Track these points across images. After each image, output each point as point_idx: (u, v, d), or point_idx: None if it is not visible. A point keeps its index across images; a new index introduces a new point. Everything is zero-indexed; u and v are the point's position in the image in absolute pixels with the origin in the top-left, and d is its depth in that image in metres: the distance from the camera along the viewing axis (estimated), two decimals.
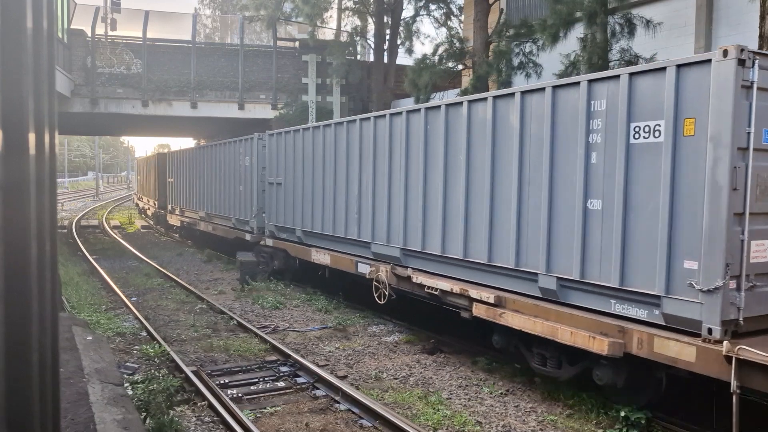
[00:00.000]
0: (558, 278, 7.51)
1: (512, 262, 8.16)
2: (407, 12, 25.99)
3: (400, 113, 10.56)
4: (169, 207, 27.68)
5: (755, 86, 5.78)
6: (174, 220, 26.76)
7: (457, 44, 17.88)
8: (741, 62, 5.71)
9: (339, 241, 12.65)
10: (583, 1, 12.33)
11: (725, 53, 5.77)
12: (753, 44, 10.00)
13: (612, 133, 6.85)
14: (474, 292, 8.59)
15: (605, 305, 6.95)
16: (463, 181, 9.04)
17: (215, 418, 7.13)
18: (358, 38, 24.93)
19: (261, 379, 8.51)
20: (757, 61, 5.78)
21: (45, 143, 1.47)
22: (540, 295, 7.82)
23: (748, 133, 5.83)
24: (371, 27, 24.06)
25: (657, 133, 6.42)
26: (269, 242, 15.94)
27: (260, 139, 16.57)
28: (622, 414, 6.80)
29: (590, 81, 7.12)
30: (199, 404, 7.58)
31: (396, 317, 11.90)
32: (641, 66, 6.99)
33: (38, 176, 1.43)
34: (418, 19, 22.68)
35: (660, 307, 6.36)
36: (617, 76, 6.79)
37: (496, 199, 8.49)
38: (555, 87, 7.60)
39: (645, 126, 6.54)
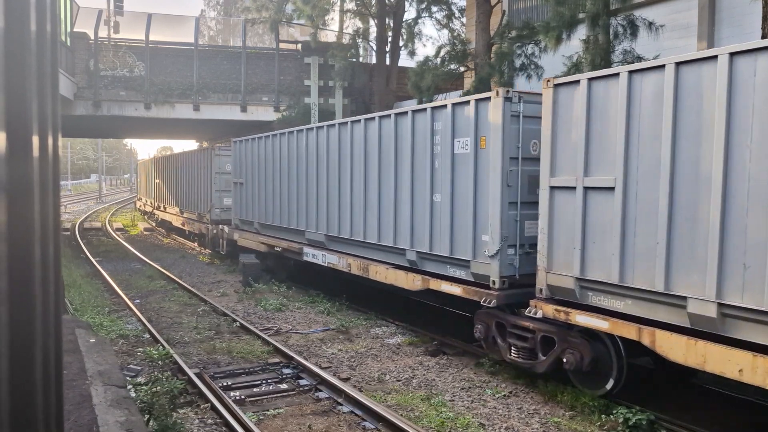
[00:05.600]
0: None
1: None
2: (409, 14, 26.03)
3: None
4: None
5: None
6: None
7: (459, 46, 17.86)
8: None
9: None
10: (585, 3, 12.31)
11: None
12: None
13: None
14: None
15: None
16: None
17: (218, 420, 7.13)
18: (360, 40, 24.90)
19: (264, 382, 8.51)
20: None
21: (48, 146, 1.48)
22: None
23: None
24: (373, 29, 24.05)
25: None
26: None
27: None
28: (621, 419, 6.80)
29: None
30: (202, 406, 7.58)
31: (398, 318, 11.90)
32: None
33: (42, 178, 1.43)
34: (420, 20, 22.66)
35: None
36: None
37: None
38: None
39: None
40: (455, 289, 9.11)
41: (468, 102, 8.86)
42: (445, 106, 9.33)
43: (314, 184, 13.49)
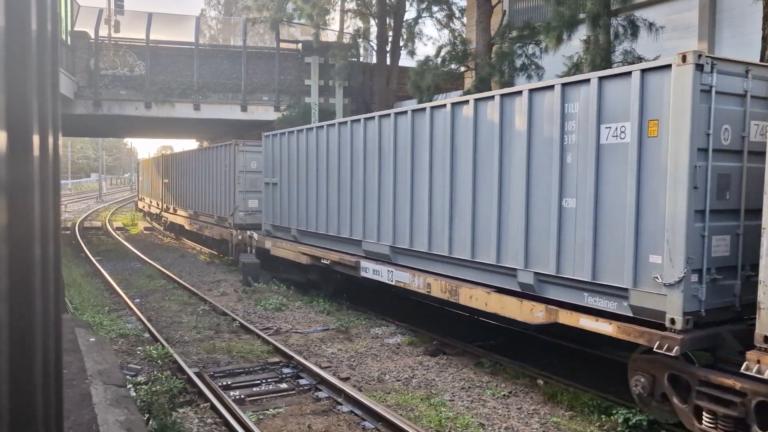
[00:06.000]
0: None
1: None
2: (409, 14, 26.05)
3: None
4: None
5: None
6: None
7: (460, 46, 17.88)
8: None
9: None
10: (586, 3, 12.32)
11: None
12: (756, 45, 9.99)
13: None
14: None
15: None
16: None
17: (218, 420, 7.13)
18: (360, 40, 24.94)
19: (263, 381, 8.52)
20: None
21: (49, 145, 1.47)
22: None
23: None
24: (374, 29, 24.07)
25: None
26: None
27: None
28: (621, 419, 6.80)
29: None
30: (201, 406, 7.58)
31: (398, 318, 11.90)
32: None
33: (42, 178, 1.43)
34: (420, 20, 22.70)
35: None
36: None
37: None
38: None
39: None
40: (604, 327, 6.77)
41: (628, 73, 6.66)
42: (587, 80, 7.14)
43: (374, 184, 11.22)
